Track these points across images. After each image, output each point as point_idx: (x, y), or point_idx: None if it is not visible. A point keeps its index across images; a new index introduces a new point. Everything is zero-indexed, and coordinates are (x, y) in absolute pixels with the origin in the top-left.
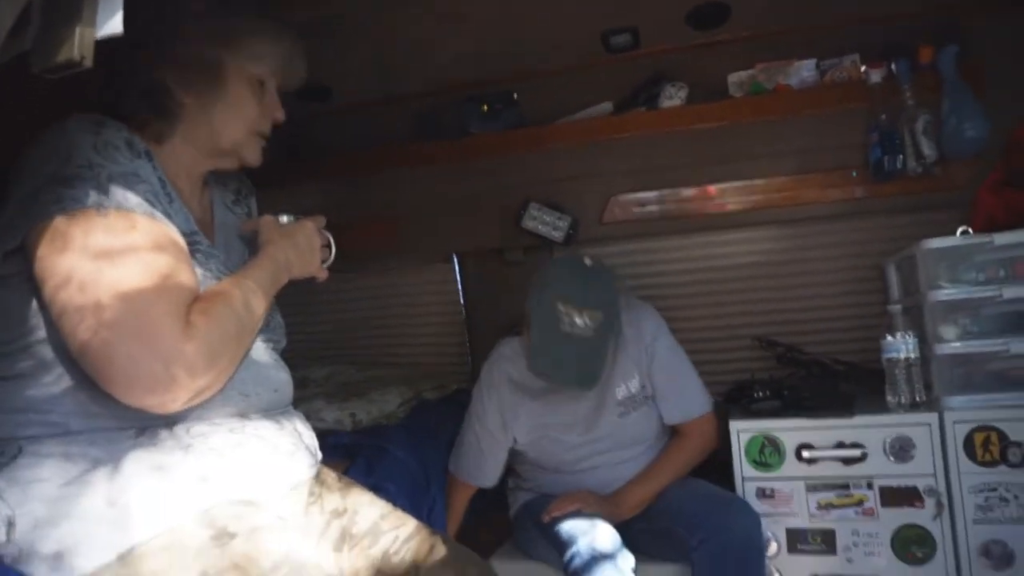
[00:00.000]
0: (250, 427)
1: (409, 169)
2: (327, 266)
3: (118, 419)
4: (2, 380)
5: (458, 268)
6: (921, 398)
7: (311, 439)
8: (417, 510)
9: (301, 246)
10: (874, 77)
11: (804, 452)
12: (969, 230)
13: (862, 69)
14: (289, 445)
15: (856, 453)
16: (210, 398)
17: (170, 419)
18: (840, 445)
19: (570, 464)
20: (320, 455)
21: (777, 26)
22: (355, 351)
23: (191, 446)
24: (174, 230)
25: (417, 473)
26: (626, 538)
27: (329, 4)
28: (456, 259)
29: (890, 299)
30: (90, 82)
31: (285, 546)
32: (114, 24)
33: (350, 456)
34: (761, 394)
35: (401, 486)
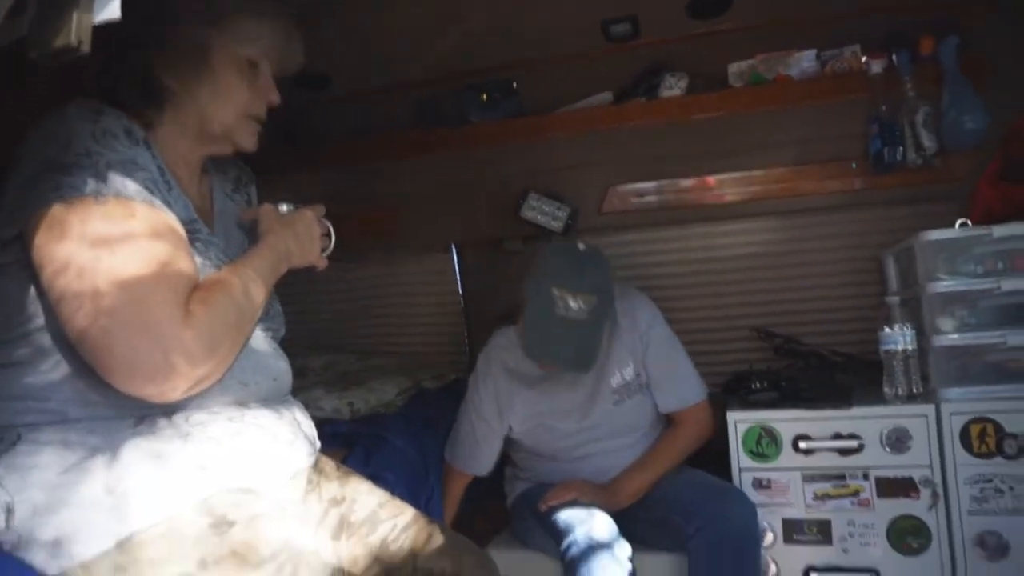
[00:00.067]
0: (249, 416)
1: (408, 158)
2: (327, 255)
3: (116, 407)
4: (0, 367)
5: (457, 258)
6: (918, 390)
7: (310, 428)
8: (415, 499)
9: (301, 235)
10: (875, 68)
11: (801, 443)
12: (968, 222)
13: (863, 60)
14: (288, 434)
15: (853, 444)
16: (209, 387)
17: (169, 408)
18: (837, 436)
19: (566, 452)
20: (319, 444)
21: (778, 16)
22: (354, 340)
23: (190, 435)
24: (173, 218)
25: (415, 462)
26: (623, 527)
27: None
28: (455, 249)
29: (888, 291)
30: (88, 68)
31: (284, 534)
32: (112, 9)
33: (348, 445)
34: (759, 385)
35: (399, 475)
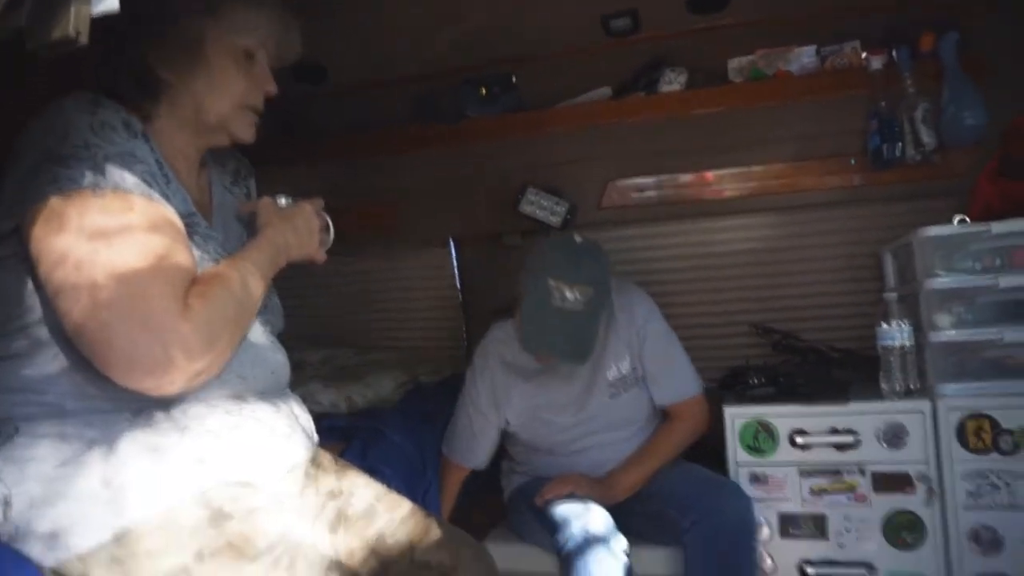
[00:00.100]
0: (247, 409)
1: (407, 153)
2: (326, 249)
3: (114, 400)
4: None
5: (455, 252)
6: (915, 385)
7: (307, 421)
8: (412, 493)
9: (300, 229)
10: (875, 64)
11: (798, 438)
12: (966, 219)
13: (863, 56)
14: (286, 427)
15: (849, 439)
16: (207, 380)
17: (166, 401)
18: (834, 431)
19: (562, 446)
20: (316, 437)
21: (778, 12)
22: (352, 335)
23: (188, 428)
24: (171, 211)
25: (413, 456)
26: (619, 521)
27: None
28: (453, 243)
29: (886, 287)
30: (86, 61)
31: (281, 527)
32: (110, 1)
33: (346, 439)
34: (756, 381)
35: (396, 469)
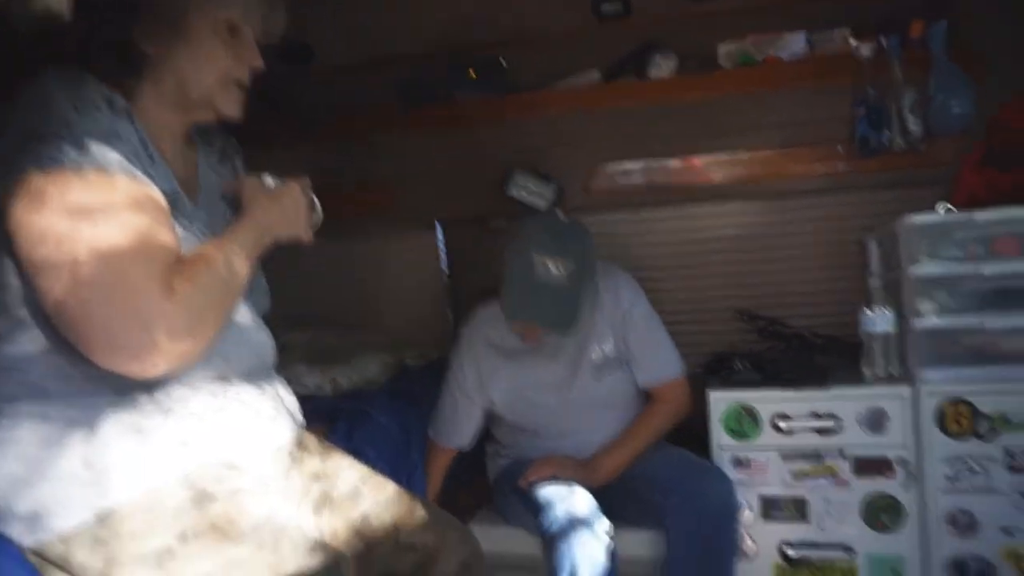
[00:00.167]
0: (231, 391)
1: (393, 134)
2: (314, 229)
3: (96, 382)
4: None
5: (442, 235)
6: (896, 371)
7: (292, 403)
8: (396, 475)
9: (286, 208)
10: (864, 51)
11: (780, 422)
12: (951, 207)
13: (852, 43)
14: (270, 409)
15: (831, 424)
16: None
17: (150, 383)
18: (815, 416)
19: (547, 427)
20: (302, 419)
21: None
22: (337, 317)
23: (171, 410)
24: (155, 190)
25: (398, 438)
26: (602, 503)
27: None
28: (440, 226)
29: (871, 274)
30: (67, 37)
31: (265, 508)
32: None
33: (331, 420)
34: (741, 366)
35: (381, 451)
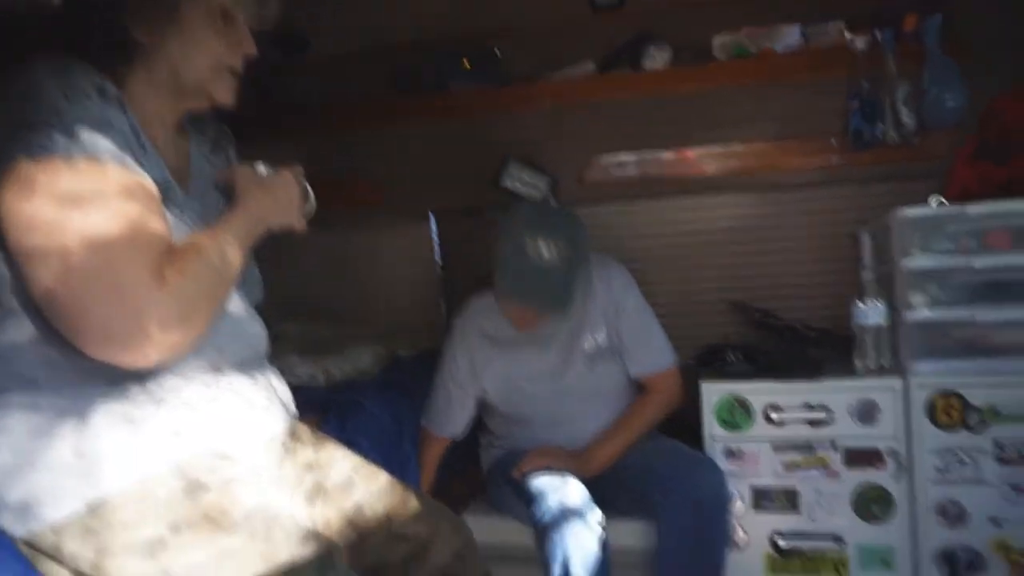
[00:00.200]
0: (224, 381)
1: (388, 125)
2: (307, 218)
3: (87, 372)
4: None
5: (435, 226)
6: (888, 363)
7: (285, 393)
8: (389, 465)
9: (279, 197)
10: (858, 44)
11: (772, 414)
12: (943, 200)
13: (847, 36)
14: (263, 399)
15: (822, 415)
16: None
17: (141, 373)
18: (807, 407)
19: (540, 417)
20: (294, 409)
21: None
22: (330, 307)
23: (163, 400)
24: (146, 179)
25: (390, 429)
26: (595, 494)
27: None
28: (433, 217)
29: (863, 266)
30: (58, 23)
31: (258, 498)
32: None
33: (324, 410)
34: (733, 358)
35: (374, 441)
